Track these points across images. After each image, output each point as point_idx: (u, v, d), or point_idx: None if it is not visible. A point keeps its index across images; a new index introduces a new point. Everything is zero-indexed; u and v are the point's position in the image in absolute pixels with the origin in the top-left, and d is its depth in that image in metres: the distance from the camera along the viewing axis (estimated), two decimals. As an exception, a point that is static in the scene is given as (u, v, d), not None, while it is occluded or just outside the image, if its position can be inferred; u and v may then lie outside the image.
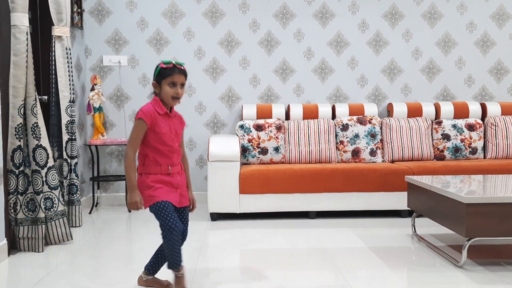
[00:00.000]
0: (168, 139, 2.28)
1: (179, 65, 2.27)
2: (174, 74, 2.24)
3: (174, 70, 2.24)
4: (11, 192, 3.03)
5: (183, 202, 2.37)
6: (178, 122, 2.38)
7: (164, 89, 2.25)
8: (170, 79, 2.24)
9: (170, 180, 2.29)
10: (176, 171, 2.33)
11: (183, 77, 2.27)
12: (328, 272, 2.70)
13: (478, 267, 2.74)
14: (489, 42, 4.98)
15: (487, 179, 3.41)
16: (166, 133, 2.27)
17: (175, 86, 2.25)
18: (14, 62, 2.99)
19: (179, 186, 2.34)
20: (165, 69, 2.25)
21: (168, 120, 2.30)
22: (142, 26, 4.77)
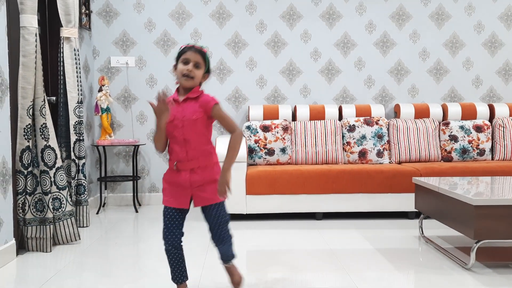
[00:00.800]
0: (172, 128, 2.09)
1: (199, 46, 2.12)
2: (189, 51, 2.08)
3: (190, 48, 2.09)
4: (19, 192, 3.04)
5: (199, 202, 2.13)
6: (193, 106, 2.09)
7: (178, 67, 2.11)
8: (184, 56, 2.08)
9: (176, 179, 2.11)
10: (188, 168, 2.09)
11: (199, 57, 2.08)
12: (335, 274, 2.70)
13: (487, 269, 2.73)
14: (497, 43, 4.96)
15: (495, 181, 3.39)
16: (170, 122, 2.08)
17: (187, 63, 2.08)
18: (23, 63, 3.01)
19: (191, 185, 2.10)
20: (183, 48, 2.12)
21: (177, 106, 2.10)
22: (149, 27, 4.79)
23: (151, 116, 4.81)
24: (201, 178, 2.10)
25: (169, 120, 2.07)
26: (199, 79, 2.11)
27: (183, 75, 2.07)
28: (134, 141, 4.55)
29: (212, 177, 2.12)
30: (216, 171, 2.15)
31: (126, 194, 4.82)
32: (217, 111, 2.12)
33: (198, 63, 2.08)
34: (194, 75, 2.08)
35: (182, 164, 2.10)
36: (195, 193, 2.12)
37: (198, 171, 2.10)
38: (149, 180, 4.86)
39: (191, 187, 2.11)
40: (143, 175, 4.86)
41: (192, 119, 2.07)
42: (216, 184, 2.10)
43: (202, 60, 2.09)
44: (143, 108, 4.81)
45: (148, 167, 4.86)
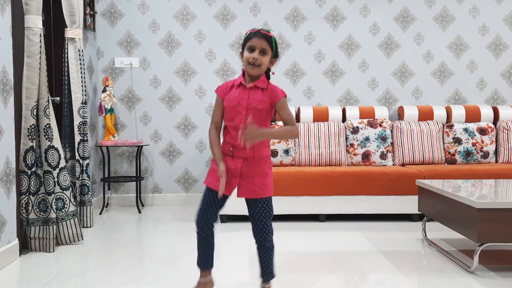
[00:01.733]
0: (233, 113, 2.06)
1: (265, 30, 2.04)
2: (254, 37, 2.02)
3: (256, 34, 2.03)
4: (23, 192, 3.05)
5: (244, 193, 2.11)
6: (260, 95, 2.06)
7: (244, 54, 2.05)
8: (249, 43, 2.02)
9: (228, 164, 2.07)
10: (242, 156, 2.07)
11: (265, 43, 2.01)
12: (338, 276, 2.69)
13: (490, 272, 2.72)
14: (502, 46, 4.94)
15: (499, 184, 3.38)
16: (232, 107, 2.05)
17: (253, 51, 2.02)
18: (28, 63, 3.02)
19: (241, 174, 2.08)
20: (249, 34, 2.06)
21: (243, 93, 2.06)
22: (153, 29, 4.80)
23: (155, 116, 4.82)
24: (253, 169, 2.08)
25: (230, 105, 2.06)
26: (266, 66, 2.06)
27: (249, 63, 2.03)
28: (137, 142, 4.56)
29: (263, 171, 2.11)
30: (268, 165, 2.13)
31: (129, 194, 4.83)
32: (283, 103, 2.10)
33: (265, 50, 2.02)
34: (261, 62, 2.03)
35: (237, 151, 2.07)
36: (242, 183, 2.10)
37: (251, 162, 2.08)
38: (152, 181, 4.87)
39: (241, 176, 2.09)
40: (146, 176, 4.86)
41: (258, 108, 2.05)
42: (265, 179, 2.10)
43: (268, 45, 2.03)
44: (147, 108, 4.82)
45: (152, 168, 4.86)
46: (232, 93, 2.08)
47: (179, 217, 4.28)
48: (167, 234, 3.70)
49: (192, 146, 4.87)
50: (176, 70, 4.83)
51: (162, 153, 4.86)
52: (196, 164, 4.86)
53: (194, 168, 4.87)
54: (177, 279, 2.65)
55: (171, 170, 4.87)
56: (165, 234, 3.68)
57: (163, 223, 4.07)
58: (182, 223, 4.04)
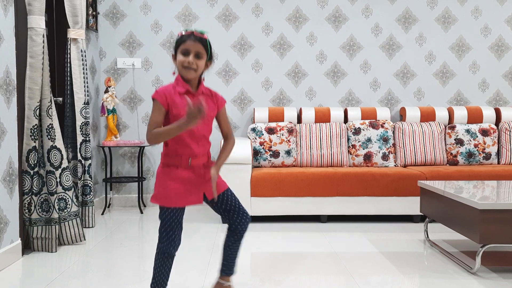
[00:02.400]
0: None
1: (199, 33, 1.95)
2: (188, 40, 1.92)
3: (190, 37, 1.93)
4: (25, 192, 3.06)
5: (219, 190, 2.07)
6: (210, 102, 2.01)
7: (177, 58, 1.95)
8: (183, 46, 1.93)
9: (190, 176, 1.97)
10: (201, 164, 2.00)
11: (200, 46, 1.93)
12: (339, 277, 2.70)
13: (492, 274, 2.71)
14: (504, 47, 4.94)
15: (501, 185, 3.38)
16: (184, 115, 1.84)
17: (188, 54, 1.92)
18: (30, 64, 3.03)
19: (205, 182, 2.01)
20: (182, 36, 1.96)
21: (192, 100, 1.86)
22: (156, 29, 4.81)
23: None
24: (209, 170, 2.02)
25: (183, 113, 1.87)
26: (201, 70, 1.97)
27: (184, 67, 1.93)
28: (139, 142, 4.57)
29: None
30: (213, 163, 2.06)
31: (131, 195, 4.84)
32: (224, 111, 2.10)
33: (199, 53, 1.93)
34: (197, 66, 1.94)
35: (196, 160, 1.98)
36: (207, 187, 2.02)
37: (208, 165, 2.03)
38: (154, 181, 4.87)
39: (205, 182, 2.02)
40: (148, 176, 4.87)
41: (211, 115, 2.01)
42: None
43: (203, 48, 1.94)
44: (149, 109, 4.83)
45: (153, 168, 4.87)
46: (179, 100, 1.93)
47: (181, 218, 4.28)
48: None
49: (194, 147, 4.86)
50: (178, 71, 4.83)
51: (164, 153, 4.86)
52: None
53: (196, 168, 4.87)
54: (178, 279, 2.65)
55: (173, 171, 4.87)
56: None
57: (165, 223, 4.07)
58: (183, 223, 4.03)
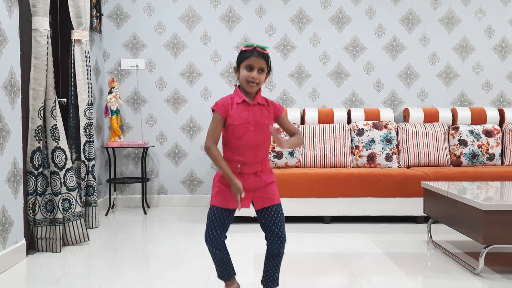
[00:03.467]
0: (242, 131, 2.06)
1: (261, 48, 2.07)
2: (252, 56, 2.04)
3: (253, 53, 2.05)
4: (30, 193, 3.08)
5: (260, 204, 2.15)
6: (264, 111, 2.11)
7: (241, 72, 2.07)
8: (247, 62, 2.05)
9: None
10: (252, 172, 2.09)
11: (263, 61, 2.05)
12: (343, 278, 2.70)
13: (496, 274, 2.71)
14: (508, 47, 4.93)
15: (504, 186, 3.37)
16: (240, 125, 2.05)
17: (252, 70, 2.05)
18: (35, 65, 3.04)
19: (255, 189, 2.11)
20: (244, 52, 2.08)
21: (247, 109, 2.06)
22: (159, 30, 4.82)
23: (160, 118, 4.84)
24: (263, 181, 2.13)
25: (237, 123, 2.05)
26: (262, 83, 2.10)
27: (247, 82, 2.06)
28: (143, 143, 4.58)
29: (272, 179, 2.17)
30: (272, 175, 2.19)
31: (135, 195, 4.85)
32: (284, 115, 2.20)
33: (262, 68, 2.07)
34: (259, 81, 2.07)
35: (247, 168, 2.09)
36: (256, 195, 2.13)
37: (260, 174, 2.12)
38: (158, 182, 4.89)
39: (254, 191, 2.12)
40: (152, 177, 4.88)
41: (265, 123, 2.09)
42: (274, 187, 2.17)
43: (265, 63, 2.07)
44: (152, 110, 4.84)
45: (157, 169, 4.88)
46: (236, 111, 2.07)
47: (184, 218, 4.29)
48: (173, 235, 3.71)
49: (197, 148, 4.88)
50: (182, 72, 4.85)
51: (167, 154, 4.88)
52: (202, 166, 4.88)
53: (199, 169, 4.88)
54: (182, 280, 2.66)
55: (177, 172, 4.89)
56: (170, 235, 3.69)
57: (168, 224, 4.09)
58: (187, 224, 4.06)
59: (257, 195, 2.13)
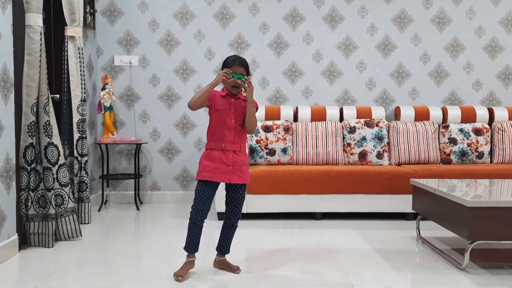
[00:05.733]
0: (225, 116, 2.58)
1: (242, 59, 2.60)
2: (234, 65, 2.56)
3: (234, 62, 2.57)
4: (22, 188, 3.09)
5: (237, 179, 2.60)
6: (243, 104, 2.62)
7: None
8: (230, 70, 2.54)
9: (222, 157, 2.57)
10: (232, 149, 2.59)
11: (243, 69, 2.57)
12: (333, 273, 2.74)
13: (481, 270, 2.76)
14: (498, 47, 4.99)
15: (492, 184, 3.43)
16: (224, 111, 2.58)
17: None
18: (28, 61, 3.06)
19: (234, 164, 2.58)
20: (228, 62, 2.59)
21: (230, 101, 2.61)
22: (153, 27, 4.84)
23: (154, 115, 4.86)
24: (240, 159, 2.62)
25: (222, 109, 2.59)
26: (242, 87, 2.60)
27: (232, 87, 2.58)
28: (136, 140, 4.60)
29: (246, 161, 2.67)
30: (247, 158, 2.72)
31: (127, 192, 4.87)
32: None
33: (242, 74, 2.56)
34: (240, 86, 2.56)
35: (228, 145, 2.59)
36: (234, 170, 2.59)
37: (239, 154, 2.62)
38: (151, 179, 4.91)
39: (233, 165, 2.59)
40: (145, 174, 4.91)
41: (242, 112, 2.61)
42: (247, 168, 2.66)
43: (245, 71, 2.59)
44: (146, 107, 4.86)
45: (150, 166, 4.91)
46: (219, 100, 2.60)
47: (177, 215, 4.32)
48: (165, 231, 3.74)
49: (191, 144, 4.91)
50: (175, 69, 4.87)
51: (160, 151, 4.91)
52: (195, 162, 4.89)
53: (192, 166, 4.91)
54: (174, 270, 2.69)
55: (170, 168, 4.91)
56: (163, 231, 3.72)
57: (161, 220, 4.12)
58: (180, 220, 4.08)
59: (235, 171, 2.59)
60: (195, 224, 2.59)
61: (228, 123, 2.59)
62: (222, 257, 2.77)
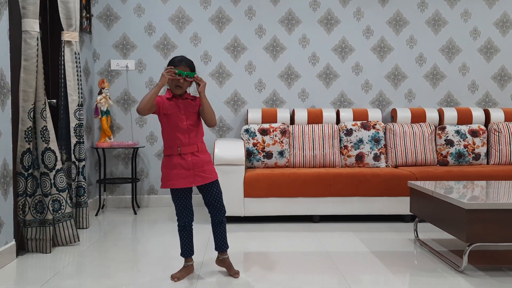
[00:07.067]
0: (176, 120, 2.55)
1: (187, 60, 2.59)
2: (180, 65, 2.55)
3: (181, 62, 2.56)
4: (20, 194, 3.09)
5: (201, 181, 2.58)
6: (192, 103, 2.61)
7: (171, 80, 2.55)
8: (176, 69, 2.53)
9: (180, 162, 2.54)
10: (189, 152, 2.56)
11: (188, 69, 2.56)
12: (331, 276, 2.74)
13: (479, 272, 2.77)
14: (493, 49, 5.01)
15: (489, 185, 3.44)
16: (174, 114, 2.55)
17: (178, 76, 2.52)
18: (25, 66, 3.05)
19: (194, 167, 2.56)
20: (173, 61, 2.59)
21: (178, 103, 2.57)
22: (149, 31, 4.84)
23: (150, 118, 4.85)
24: (200, 159, 2.59)
25: (171, 112, 2.55)
26: (187, 87, 2.61)
27: (176, 86, 2.55)
28: (133, 144, 4.60)
29: (208, 159, 2.63)
30: (209, 155, 2.66)
31: (125, 196, 4.87)
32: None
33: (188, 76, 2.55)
34: (184, 86, 2.57)
35: (185, 148, 2.55)
36: (195, 173, 2.57)
37: (197, 154, 2.58)
38: (148, 183, 4.91)
39: (193, 168, 2.56)
40: (142, 178, 4.90)
41: (193, 112, 2.60)
42: (211, 166, 2.62)
43: (189, 71, 2.57)
44: (143, 111, 4.85)
45: (147, 170, 4.90)
46: (168, 104, 2.57)
47: (174, 219, 4.27)
48: (163, 235, 3.74)
49: (188, 148, 4.90)
50: (172, 73, 4.86)
51: (157, 155, 4.90)
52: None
53: (189, 169, 4.90)
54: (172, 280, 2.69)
55: (167, 172, 4.90)
56: (160, 235, 3.72)
57: (158, 224, 4.11)
58: (177, 224, 4.07)
59: (197, 173, 2.57)
60: (183, 227, 2.67)
61: (180, 126, 2.56)
62: (224, 255, 2.74)
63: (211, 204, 2.65)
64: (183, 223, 2.65)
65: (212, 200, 2.65)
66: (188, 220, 2.65)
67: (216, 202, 2.65)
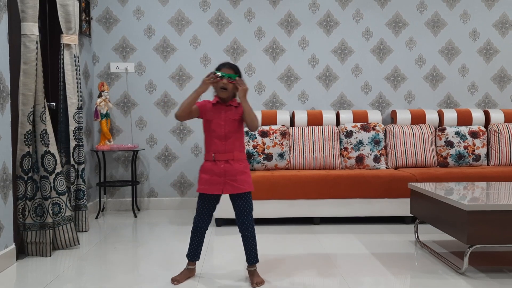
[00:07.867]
0: (215, 126, 2.56)
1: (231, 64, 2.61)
2: (223, 68, 2.57)
3: (225, 65, 2.59)
4: (19, 197, 3.08)
5: (231, 190, 2.56)
6: (234, 110, 2.59)
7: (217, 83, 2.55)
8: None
9: (213, 168, 2.56)
10: (223, 159, 2.55)
11: (232, 71, 2.56)
12: (331, 278, 2.74)
13: (480, 274, 2.77)
14: (492, 50, 5.02)
15: (489, 186, 3.44)
16: (214, 120, 2.56)
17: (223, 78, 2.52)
18: (24, 70, 3.05)
19: (226, 174, 2.54)
20: (219, 65, 2.61)
21: (220, 109, 2.58)
22: (149, 34, 4.84)
23: (150, 121, 4.85)
24: (234, 168, 2.55)
25: (211, 119, 2.57)
26: (232, 90, 2.56)
27: (221, 88, 2.53)
28: (133, 146, 4.59)
29: (242, 170, 2.58)
30: (245, 165, 2.62)
31: (125, 199, 4.86)
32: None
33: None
34: (229, 87, 2.54)
35: (219, 155, 2.55)
36: (226, 181, 2.55)
37: (232, 163, 2.56)
38: (148, 185, 4.90)
39: (225, 176, 2.55)
40: (142, 180, 4.89)
41: (233, 119, 2.58)
42: (245, 176, 2.58)
43: (235, 73, 2.57)
44: (142, 113, 4.86)
45: (147, 172, 4.90)
46: (210, 110, 2.59)
47: (174, 221, 4.31)
48: (163, 238, 3.73)
49: (188, 151, 4.90)
50: (172, 75, 4.87)
51: (157, 157, 4.90)
52: (192, 168, 4.90)
53: (189, 172, 4.91)
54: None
55: (167, 174, 4.90)
56: (161, 238, 3.71)
57: (159, 227, 4.11)
58: (178, 227, 4.08)
59: (228, 181, 2.55)
60: (196, 231, 2.66)
61: (218, 132, 2.56)
62: (250, 268, 2.66)
63: (236, 215, 2.64)
64: (197, 227, 2.66)
65: (238, 211, 2.62)
66: (202, 225, 2.65)
67: (241, 214, 2.61)
